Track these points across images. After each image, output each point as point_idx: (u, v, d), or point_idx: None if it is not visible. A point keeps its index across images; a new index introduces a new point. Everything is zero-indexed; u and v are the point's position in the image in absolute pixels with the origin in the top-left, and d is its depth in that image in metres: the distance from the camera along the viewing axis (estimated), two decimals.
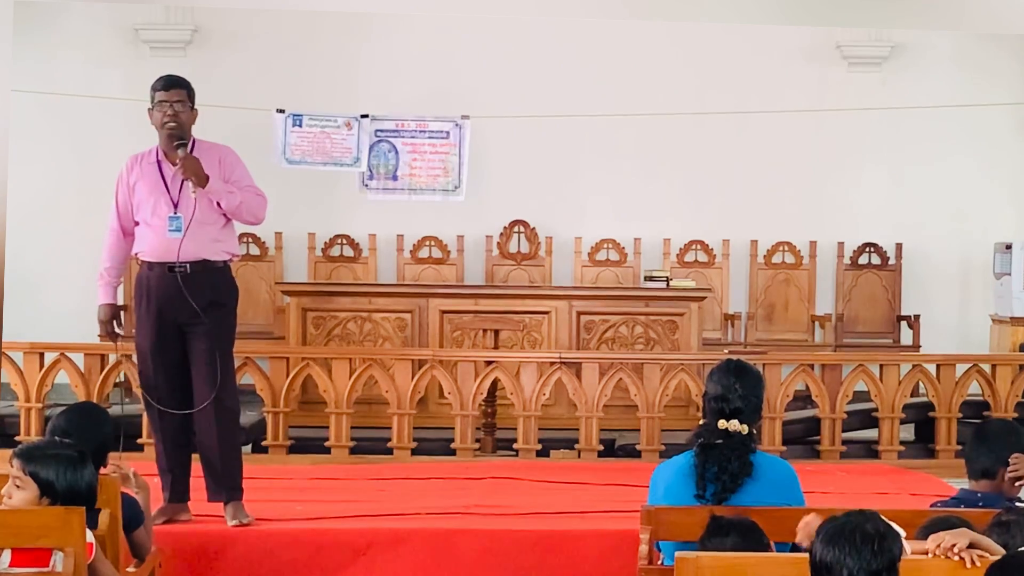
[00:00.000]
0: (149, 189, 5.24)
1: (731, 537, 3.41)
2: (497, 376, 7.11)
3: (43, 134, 9.92)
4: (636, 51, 10.12)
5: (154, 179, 5.25)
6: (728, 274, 10.27)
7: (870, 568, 2.68)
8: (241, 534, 5.07)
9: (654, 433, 7.06)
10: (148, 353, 5.26)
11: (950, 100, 9.97)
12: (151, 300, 5.25)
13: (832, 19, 7.81)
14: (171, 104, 5.28)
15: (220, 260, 5.30)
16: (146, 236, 5.24)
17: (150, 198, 5.23)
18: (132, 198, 5.27)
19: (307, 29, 10.02)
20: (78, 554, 3.55)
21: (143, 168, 5.29)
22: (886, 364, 7.38)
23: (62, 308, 9.75)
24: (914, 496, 5.97)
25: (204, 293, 5.19)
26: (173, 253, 5.14)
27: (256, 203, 5.40)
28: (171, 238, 5.15)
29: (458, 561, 5.03)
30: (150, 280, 5.26)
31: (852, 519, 2.76)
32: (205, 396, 5.20)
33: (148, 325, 5.27)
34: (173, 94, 5.33)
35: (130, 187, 5.28)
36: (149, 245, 5.24)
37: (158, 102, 5.30)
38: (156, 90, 5.36)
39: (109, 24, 10.21)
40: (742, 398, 3.89)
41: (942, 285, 10.34)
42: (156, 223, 5.20)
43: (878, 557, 2.69)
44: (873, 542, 2.70)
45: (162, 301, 5.20)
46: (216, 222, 5.25)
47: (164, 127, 5.24)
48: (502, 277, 10.14)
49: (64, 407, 4.25)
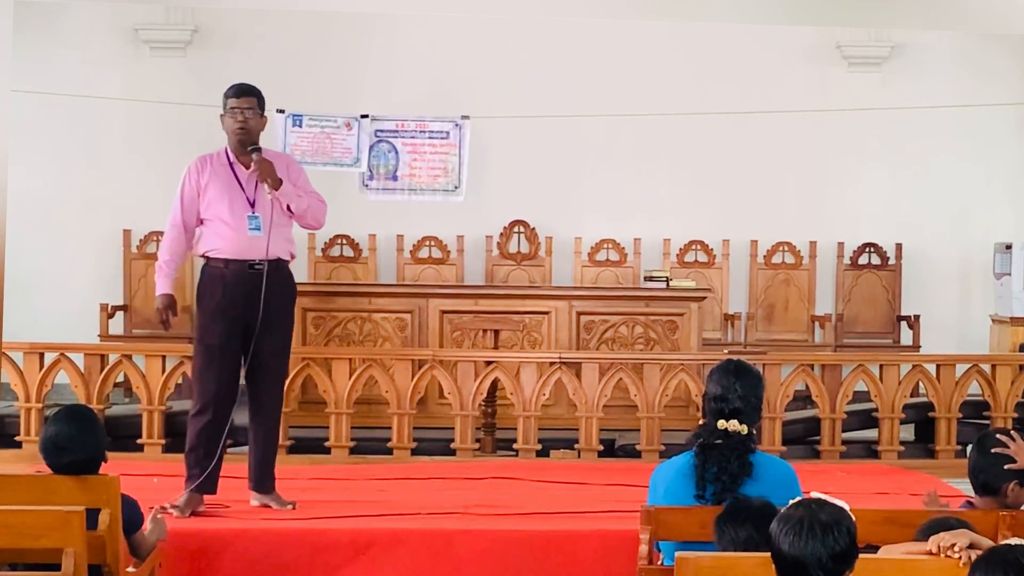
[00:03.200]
0: (223, 189, 5.42)
1: (746, 528, 3.39)
2: (497, 376, 7.11)
3: (43, 134, 9.92)
4: (636, 51, 10.13)
5: (228, 180, 5.44)
6: (728, 274, 10.27)
7: (834, 553, 2.82)
8: (241, 534, 5.08)
9: (654, 433, 7.06)
10: (216, 347, 5.40)
11: (950, 100, 9.97)
12: (225, 296, 5.39)
13: (832, 19, 7.82)
14: (242, 111, 5.48)
15: (288, 260, 5.55)
16: (222, 234, 5.40)
17: (224, 198, 5.41)
18: (201, 197, 5.44)
19: (307, 29, 10.02)
20: (78, 554, 3.55)
21: (215, 169, 5.48)
22: (886, 364, 7.37)
23: (62, 308, 9.76)
24: (914, 496, 5.96)
25: (278, 290, 5.44)
26: (255, 251, 5.37)
27: (319, 208, 5.63)
28: (252, 236, 5.37)
29: (458, 561, 5.03)
30: (226, 277, 5.40)
31: (804, 512, 2.88)
32: (272, 390, 5.53)
33: (221, 320, 5.40)
34: (244, 101, 5.51)
35: (200, 186, 5.46)
36: (227, 243, 5.40)
37: (230, 108, 5.50)
38: (228, 97, 5.54)
39: (109, 24, 10.21)
40: (742, 398, 3.89)
41: (942, 285, 10.34)
42: (235, 222, 5.38)
43: (840, 540, 2.83)
44: (832, 529, 2.84)
45: (238, 297, 5.36)
46: (287, 224, 5.52)
47: (234, 132, 5.47)
48: (502, 277, 10.14)
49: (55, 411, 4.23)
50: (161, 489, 5.79)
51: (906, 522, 3.58)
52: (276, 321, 5.46)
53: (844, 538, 2.84)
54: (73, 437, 4.00)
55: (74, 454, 3.98)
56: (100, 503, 3.92)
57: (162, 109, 9.86)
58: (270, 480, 5.59)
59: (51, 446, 4.02)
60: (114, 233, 10.16)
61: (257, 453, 5.58)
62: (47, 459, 4.04)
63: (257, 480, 5.57)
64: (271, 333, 5.43)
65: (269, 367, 5.49)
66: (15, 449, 6.96)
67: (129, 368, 7.11)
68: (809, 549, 2.81)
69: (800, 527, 2.85)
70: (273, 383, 5.57)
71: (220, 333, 5.40)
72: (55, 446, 4.01)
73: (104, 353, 7.28)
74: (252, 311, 5.35)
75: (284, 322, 5.57)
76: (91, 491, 3.94)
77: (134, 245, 10.18)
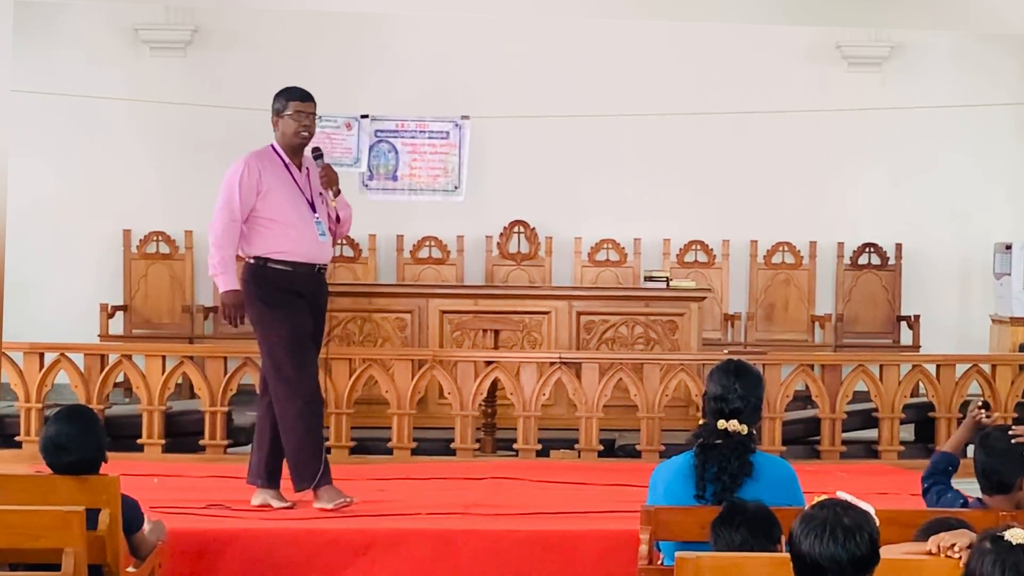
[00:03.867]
0: (287, 192, 5.46)
1: (740, 533, 3.39)
2: (497, 376, 7.11)
3: (43, 134, 9.92)
4: (636, 51, 10.13)
5: (288, 182, 5.49)
6: (728, 274, 10.27)
7: (855, 558, 2.77)
8: (241, 534, 5.08)
9: (654, 433, 7.06)
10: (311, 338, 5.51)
11: (950, 100, 9.97)
12: (302, 297, 5.46)
13: (832, 19, 7.82)
14: (308, 115, 5.51)
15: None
16: (291, 237, 5.44)
17: (289, 200, 5.45)
18: (260, 195, 5.44)
19: (307, 29, 10.03)
20: (78, 554, 3.55)
21: (275, 169, 5.49)
22: (886, 364, 7.37)
23: (62, 308, 9.76)
24: (914, 496, 5.95)
25: (325, 294, 5.65)
26: (322, 255, 5.51)
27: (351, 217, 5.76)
28: (322, 241, 5.48)
29: (458, 561, 5.03)
30: (295, 279, 5.44)
31: (828, 515, 2.83)
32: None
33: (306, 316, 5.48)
34: (311, 106, 5.54)
35: (260, 184, 5.45)
36: (297, 246, 5.45)
37: (296, 111, 5.49)
38: (291, 99, 5.53)
39: (109, 24, 10.21)
40: (742, 398, 3.89)
41: (942, 285, 10.34)
42: (304, 226, 5.44)
43: (862, 546, 2.78)
44: (855, 534, 2.79)
45: (309, 299, 5.47)
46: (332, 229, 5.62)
47: (296, 135, 5.49)
48: (502, 277, 10.14)
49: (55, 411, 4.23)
50: (161, 489, 5.81)
51: (906, 522, 3.58)
52: (323, 323, 5.70)
53: (865, 544, 2.79)
54: (74, 437, 4.00)
55: (74, 454, 3.98)
56: (100, 503, 3.92)
57: (162, 109, 9.87)
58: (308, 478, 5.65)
59: (51, 446, 4.02)
60: (114, 233, 10.17)
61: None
62: (47, 459, 4.04)
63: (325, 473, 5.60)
64: (317, 334, 5.60)
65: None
66: (15, 449, 6.96)
67: (129, 368, 7.11)
68: (829, 552, 2.77)
69: (822, 529, 2.81)
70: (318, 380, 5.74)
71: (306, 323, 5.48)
72: (55, 446, 4.01)
73: (104, 353, 7.28)
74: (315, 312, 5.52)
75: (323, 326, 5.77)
76: (91, 491, 3.94)
77: (134, 245, 10.18)
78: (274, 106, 5.59)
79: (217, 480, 6.28)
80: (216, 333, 10.05)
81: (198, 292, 10.23)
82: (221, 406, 7.04)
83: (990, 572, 2.56)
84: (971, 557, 2.64)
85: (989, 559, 2.57)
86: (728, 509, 3.52)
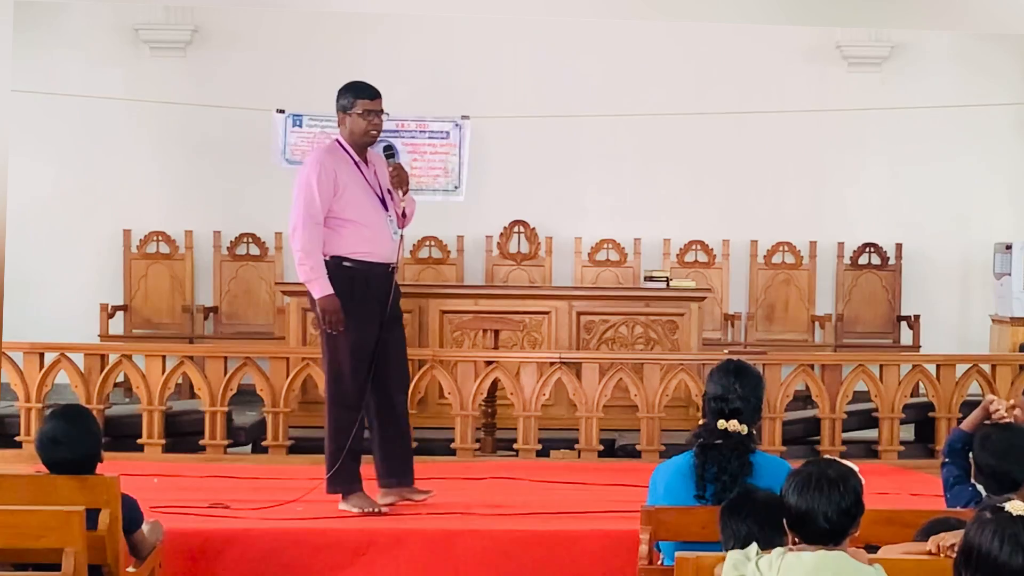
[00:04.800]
0: (361, 190, 5.42)
1: (746, 524, 3.38)
2: (497, 376, 7.11)
3: (43, 134, 9.93)
4: (636, 51, 10.13)
5: (361, 180, 5.44)
6: (728, 274, 10.28)
7: (840, 508, 3.01)
8: (241, 534, 5.08)
9: (654, 433, 7.06)
10: (369, 351, 5.42)
11: (950, 100, 9.98)
12: (371, 299, 5.41)
13: (832, 19, 7.82)
14: (378, 114, 5.46)
15: None
16: (367, 236, 5.40)
17: (365, 199, 5.41)
18: (339, 196, 5.37)
19: (307, 29, 10.03)
20: (78, 554, 3.55)
21: (347, 168, 5.43)
22: (886, 364, 7.37)
23: (62, 308, 9.76)
24: (914, 496, 5.97)
25: (397, 291, 5.57)
26: (394, 254, 5.46)
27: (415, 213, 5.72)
28: (395, 240, 5.46)
29: (458, 561, 5.03)
30: (369, 279, 5.40)
31: (814, 469, 3.09)
32: (403, 387, 5.64)
33: (371, 320, 5.41)
34: (378, 104, 5.49)
35: (337, 183, 5.37)
36: (373, 246, 5.41)
37: (366, 110, 5.44)
38: (359, 98, 5.47)
39: (109, 24, 10.21)
40: (742, 398, 3.89)
41: (942, 285, 10.35)
42: (378, 224, 5.41)
43: (846, 496, 3.02)
44: (838, 484, 3.03)
45: (381, 299, 5.41)
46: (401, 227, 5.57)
47: (367, 134, 5.45)
48: (502, 277, 10.14)
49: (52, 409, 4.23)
50: (161, 489, 5.81)
51: (906, 522, 3.58)
52: (399, 321, 5.63)
53: (850, 495, 3.02)
54: (69, 433, 3.99)
55: (69, 450, 3.97)
56: (100, 503, 3.92)
57: (162, 109, 9.87)
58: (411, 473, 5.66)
59: (47, 441, 4.00)
60: (114, 233, 10.17)
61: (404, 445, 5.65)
62: (42, 454, 4.03)
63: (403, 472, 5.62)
64: (397, 333, 5.56)
65: (400, 362, 5.59)
66: (15, 449, 6.96)
67: (129, 368, 7.11)
68: (815, 503, 3.01)
69: (808, 481, 3.04)
70: (403, 378, 5.68)
71: (370, 338, 5.41)
72: (51, 441, 3.99)
73: (104, 353, 7.27)
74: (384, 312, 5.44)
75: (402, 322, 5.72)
76: (91, 491, 3.94)
77: (134, 245, 10.18)
78: (340, 102, 5.51)
79: (217, 480, 6.29)
80: (216, 333, 10.07)
81: (198, 292, 10.23)
82: (221, 406, 7.04)
83: (990, 543, 2.54)
84: (970, 529, 2.62)
85: (989, 530, 2.55)
86: (737, 498, 3.51)
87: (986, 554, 2.54)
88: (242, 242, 10.26)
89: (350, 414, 5.47)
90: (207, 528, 5.12)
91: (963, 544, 2.62)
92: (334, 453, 5.48)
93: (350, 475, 5.49)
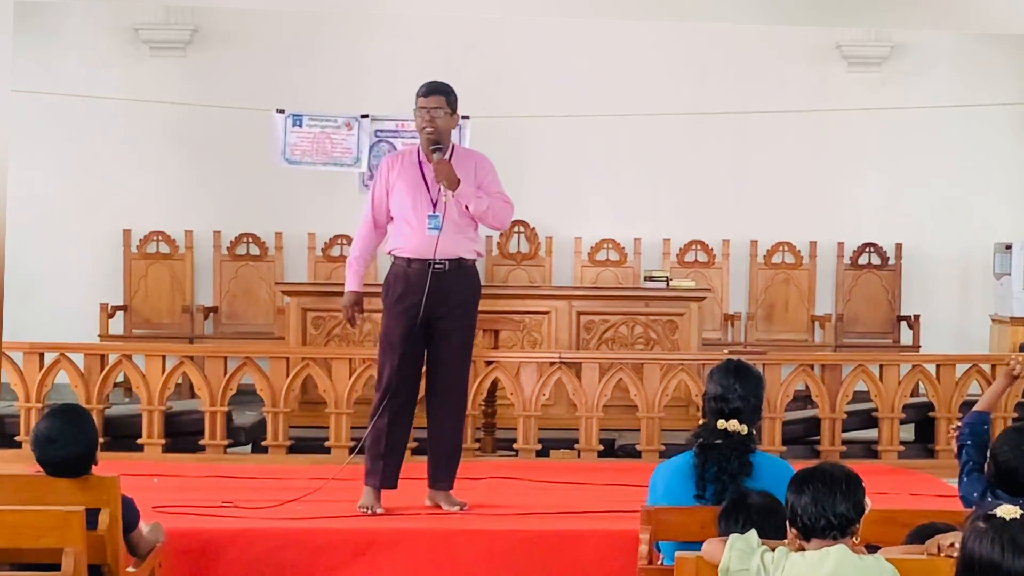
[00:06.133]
0: (409, 188, 5.46)
1: (743, 528, 3.39)
2: (497, 376, 7.11)
3: (43, 134, 9.92)
4: (636, 51, 10.13)
5: (415, 179, 5.47)
6: (728, 274, 10.28)
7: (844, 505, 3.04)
8: (241, 534, 5.07)
9: (654, 433, 7.06)
10: (399, 344, 5.43)
11: (950, 100, 9.97)
12: (408, 295, 5.42)
13: (832, 19, 7.82)
14: (429, 110, 5.46)
15: (471, 259, 5.55)
16: (405, 233, 5.46)
17: (409, 196, 5.45)
18: (390, 195, 5.50)
19: (307, 29, 10.03)
20: (78, 554, 3.55)
21: (404, 167, 5.52)
22: (886, 364, 7.37)
23: (62, 308, 9.77)
24: (914, 496, 5.97)
25: (459, 290, 5.46)
26: (431, 250, 5.37)
27: (502, 209, 5.62)
28: (430, 235, 5.38)
29: (458, 561, 5.03)
30: (408, 276, 5.44)
31: (818, 467, 3.13)
32: (450, 388, 5.54)
33: (404, 318, 5.43)
34: (432, 100, 5.49)
35: (389, 184, 5.51)
36: (409, 242, 5.44)
37: (418, 107, 5.48)
38: (418, 96, 5.52)
39: (109, 24, 10.22)
40: (741, 398, 3.89)
41: (942, 285, 10.35)
42: (416, 221, 5.42)
43: (846, 497, 3.04)
44: (840, 483, 3.06)
45: (420, 296, 5.37)
46: (470, 223, 5.50)
47: (422, 132, 5.47)
48: (502, 277, 10.14)
49: (48, 408, 4.23)
50: (161, 489, 5.81)
51: (906, 522, 3.58)
52: (456, 320, 5.48)
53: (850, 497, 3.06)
54: (64, 431, 3.97)
55: (64, 449, 3.94)
56: (100, 503, 3.92)
57: (162, 109, 9.87)
58: (450, 479, 5.61)
59: (42, 439, 3.98)
60: (114, 233, 10.17)
61: (434, 449, 5.61)
62: (37, 453, 4.00)
63: (434, 477, 5.60)
64: (450, 332, 5.47)
65: (449, 365, 5.50)
66: (15, 449, 6.96)
67: (129, 368, 7.11)
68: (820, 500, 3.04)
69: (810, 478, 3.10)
70: (451, 381, 5.54)
71: (401, 332, 5.43)
72: (46, 438, 3.97)
73: (104, 353, 7.27)
74: (435, 310, 5.39)
75: (464, 322, 5.55)
76: (91, 491, 3.94)
77: (134, 245, 10.18)
78: None
79: (217, 480, 6.28)
80: (216, 333, 10.07)
81: (198, 292, 10.24)
82: (221, 406, 7.04)
83: (990, 551, 2.58)
84: (967, 540, 2.65)
85: (986, 538, 2.59)
86: (732, 501, 3.52)
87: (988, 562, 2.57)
88: (242, 242, 10.26)
89: (381, 401, 5.50)
90: (207, 528, 5.12)
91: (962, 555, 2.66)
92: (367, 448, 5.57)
93: (370, 465, 5.53)
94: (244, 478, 6.35)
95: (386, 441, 5.50)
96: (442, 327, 5.46)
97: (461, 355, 5.56)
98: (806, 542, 3.09)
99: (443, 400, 5.55)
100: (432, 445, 5.63)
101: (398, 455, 5.56)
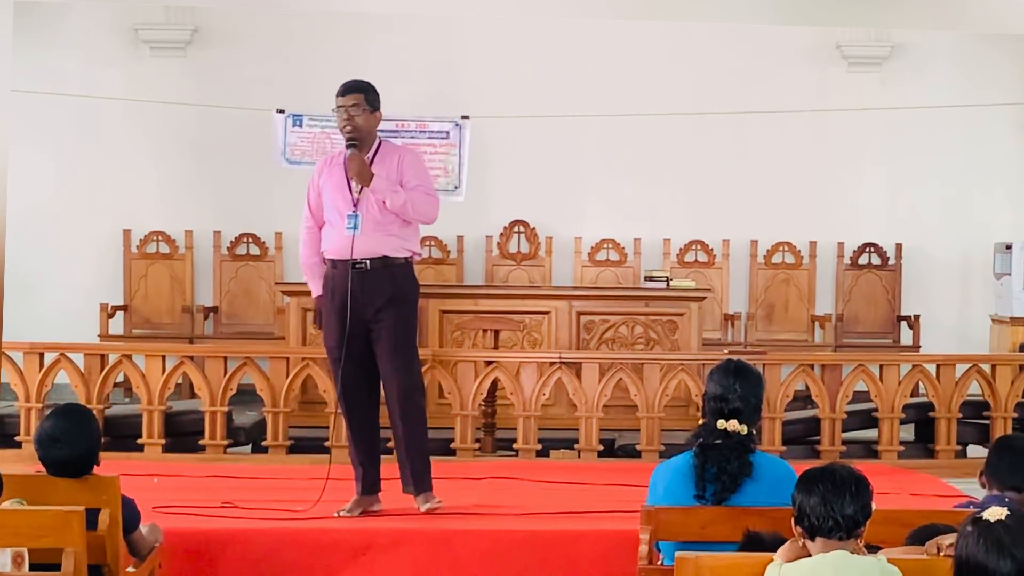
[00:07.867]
0: (334, 189, 5.43)
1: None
2: (497, 376, 7.11)
3: (43, 134, 9.93)
4: (636, 51, 10.13)
5: (340, 179, 5.44)
6: (728, 274, 10.28)
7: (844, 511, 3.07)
8: (241, 534, 5.08)
9: (654, 433, 7.06)
10: (334, 348, 5.40)
11: (950, 100, 9.98)
12: (336, 297, 5.38)
13: (832, 19, 7.81)
14: (347, 109, 5.44)
15: (400, 257, 5.43)
16: (330, 234, 5.44)
17: (335, 197, 5.42)
18: (321, 198, 5.48)
19: (307, 29, 10.03)
20: (78, 554, 3.55)
21: (331, 169, 5.50)
22: (886, 364, 7.36)
23: (62, 308, 9.77)
24: (914, 496, 5.97)
25: (384, 289, 5.35)
26: (349, 250, 5.31)
27: (423, 202, 5.44)
28: (347, 235, 5.32)
29: (458, 562, 5.03)
30: (335, 278, 5.41)
31: (827, 468, 3.16)
32: (391, 390, 5.44)
33: (335, 321, 5.39)
34: (349, 99, 5.47)
35: (319, 188, 5.49)
36: (332, 243, 5.42)
37: (337, 107, 5.46)
38: (336, 95, 5.50)
39: (109, 24, 10.22)
40: (741, 398, 3.88)
41: (942, 285, 10.35)
42: (337, 221, 5.39)
43: (855, 499, 3.08)
44: (850, 485, 3.10)
45: (346, 297, 5.32)
46: (394, 220, 5.39)
47: (342, 131, 5.45)
48: (502, 277, 10.15)
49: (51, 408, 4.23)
50: (161, 489, 5.81)
51: (906, 522, 3.58)
52: (386, 322, 5.35)
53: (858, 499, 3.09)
54: (68, 430, 3.98)
55: (67, 448, 3.95)
56: (100, 503, 3.92)
57: (162, 109, 9.88)
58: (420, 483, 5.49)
59: (46, 439, 3.99)
60: (114, 233, 10.18)
61: (398, 455, 5.55)
62: (40, 452, 4.01)
63: (403, 481, 5.53)
64: (381, 335, 5.36)
65: (386, 370, 5.40)
66: (15, 449, 6.96)
67: (129, 368, 7.11)
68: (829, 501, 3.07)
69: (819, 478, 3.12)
70: (390, 385, 5.42)
71: (334, 336, 5.38)
72: (49, 438, 3.98)
73: (104, 353, 7.27)
74: (364, 311, 5.31)
75: (395, 323, 5.38)
76: (91, 491, 3.94)
77: (134, 245, 10.19)
78: None
79: (217, 480, 6.28)
80: (216, 333, 10.07)
81: (198, 292, 10.24)
82: (221, 406, 7.04)
83: (975, 550, 2.76)
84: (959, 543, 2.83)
85: (973, 540, 2.77)
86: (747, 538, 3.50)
87: (976, 564, 2.75)
88: (242, 242, 10.26)
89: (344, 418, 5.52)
90: (207, 528, 5.12)
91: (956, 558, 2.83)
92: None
93: (354, 471, 5.52)
94: (244, 478, 6.36)
95: (354, 449, 5.51)
96: (375, 330, 5.36)
97: (395, 359, 5.37)
98: (811, 541, 3.11)
99: (393, 406, 5.47)
100: (396, 451, 5.58)
101: (371, 461, 5.51)
